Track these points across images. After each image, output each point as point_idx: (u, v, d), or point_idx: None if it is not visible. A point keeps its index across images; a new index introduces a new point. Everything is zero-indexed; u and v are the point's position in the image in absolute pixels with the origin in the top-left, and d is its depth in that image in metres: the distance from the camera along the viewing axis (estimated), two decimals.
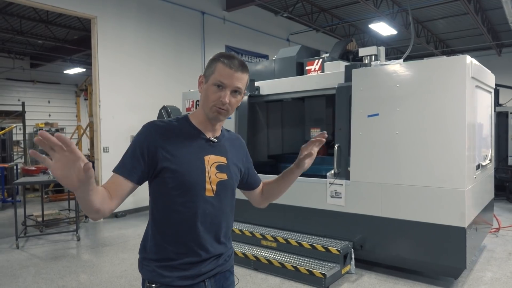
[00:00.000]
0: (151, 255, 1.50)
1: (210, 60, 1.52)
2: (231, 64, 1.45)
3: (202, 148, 1.52)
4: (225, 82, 1.45)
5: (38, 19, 10.48)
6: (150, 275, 1.49)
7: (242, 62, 1.49)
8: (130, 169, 1.41)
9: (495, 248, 5.21)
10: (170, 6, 8.81)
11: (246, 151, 1.77)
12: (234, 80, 1.45)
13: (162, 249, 1.48)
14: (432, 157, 3.80)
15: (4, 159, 9.99)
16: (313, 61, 5.41)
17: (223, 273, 1.60)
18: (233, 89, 1.46)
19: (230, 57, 1.48)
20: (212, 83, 1.46)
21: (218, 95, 1.45)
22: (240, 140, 1.75)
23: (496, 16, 12.24)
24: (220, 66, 1.46)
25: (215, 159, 1.54)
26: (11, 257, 5.22)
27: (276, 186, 1.78)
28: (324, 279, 3.93)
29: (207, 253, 1.51)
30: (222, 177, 1.54)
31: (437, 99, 3.79)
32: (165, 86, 8.49)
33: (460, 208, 3.66)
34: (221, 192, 1.53)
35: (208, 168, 1.50)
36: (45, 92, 15.66)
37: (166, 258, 1.48)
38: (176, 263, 1.47)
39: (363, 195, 4.27)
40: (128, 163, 1.42)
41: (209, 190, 1.50)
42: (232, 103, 1.48)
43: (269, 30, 11.69)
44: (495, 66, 8.14)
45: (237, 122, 5.44)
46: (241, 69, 1.47)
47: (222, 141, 1.60)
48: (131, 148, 1.45)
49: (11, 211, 7.95)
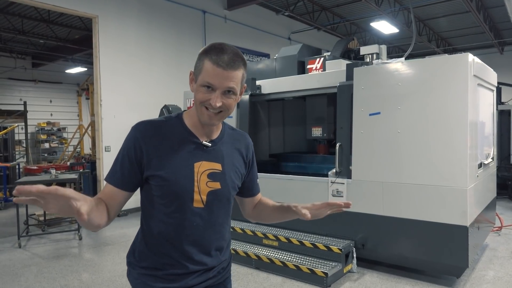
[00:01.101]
0: (137, 262, 1.42)
1: (199, 54, 1.32)
2: (219, 61, 1.24)
3: (193, 154, 1.36)
4: (213, 83, 1.25)
5: (40, 18, 10.49)
6: (135, 282, 1.42)
7: (234, 57, 1.26)
8: (121, 178, 1.33)
9: (498, 247, 5.20)
10: (171, 5, 8.80)
11: (251, 151, 1.56)
12: (224, 80, 1.25)
13: (148, 257, 1.40)
14: (434, 155, 3.79)
15: (6, 159, 10.02)
16: (314, 60, 5.40)
17: (216, 286, 1.49)
18: (224, 90, 1.27)
19: (220, 51, 1.25)
20: (200, 84, 1.28)
21: (207, 97, 1.27)
22: (245, 140, 1.55)
23: (498, 14, 12.19)
24: (207, 64, 1.25)
25: (208, 166, 1.37)
26: (13, 256, 5.23)
27: (271, 212, 1.59)
28: (325, 278, 3.93)
29: (194, 265, 1.39)
30: (214, 186, 1.38)
31: (439, 97, 3.78)
32: (166, 85, 8.49)
33: (462, 206, 3.65)
34: (212, 203, 1.39)
35: (198, 177, 1.35)
36: (47, 91, 15.69)
37: (151, 267, 1.39)
38: (161, 273, 1.38)
39: (365, 194, 4.27)
40: (119, 172, 1.34)
41: (198, 201, 1.35)
42: (227, 104, 1.29)
43: (270, 28, 11.67)
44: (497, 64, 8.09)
45: (238, 121, 5.43)
46: (232, 66, 1.25)
47: (219, 144, 1.42)
48: (120, 154, 1.36)
49: (13, 210, 7.96)
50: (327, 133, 5.49)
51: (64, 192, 1.02)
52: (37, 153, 14.79)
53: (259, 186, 1.66)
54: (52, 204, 1.03)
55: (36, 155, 14.66)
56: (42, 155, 14.93)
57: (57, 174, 6.55)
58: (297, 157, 6.03)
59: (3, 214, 8.18)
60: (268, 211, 1.60)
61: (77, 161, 10.77)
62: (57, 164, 11.08)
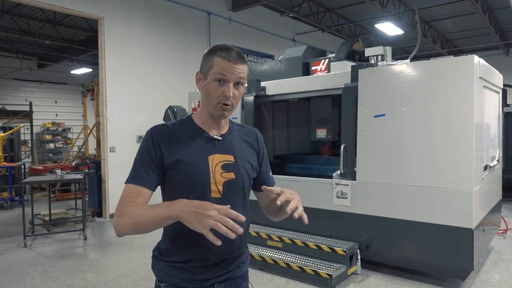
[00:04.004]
0: (162, 256, 1.50)
1: (205, 55, 1.45)
2: (229, 56, 1.39)
3: (206, 148, 1.46)
4: (226, 76, 1.38)
5: (46, 19, 10.56)
6: (159, 273, 1.49)
7: (240, 53, 1.42)
8: (145, 177, 1.40)
9: (503, 250, 5.17)
10: (176, 7, 8.84)
11: (261, 144, 1.66)
12: (235, 72, 1.39)
13: (171, 255, 1.47)
14: (439, 157, 3.78)
15: (12, 159, 10.08)
16: (319, 61, 5.40)
17: (235, 279, 1.54)
18: (235, 81, 1.40)
19: (227, 49, 1.41)
20: (212, 79, 1.40)
21: (221, 91, 1.39)
22: (254, 134, 1.65)
23: (504, 16, 12.13)
24: (218, 60, 1.39)
25: (221, 158, 1.47)
26: (19, 255, 5.27)
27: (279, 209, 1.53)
28: (330, 279, 3.92)
29: (216, 258, 1.46)
30: (229, 177, 1.47)
31: (445, 99, 3.77)
32: (171, 86, 8.52)
33: (467, 209, 3.64)
34: (229, 193, 1.46)
35: (213, 169, 1.44)
36: (52, 92, 15.79)
37: (174, 261, 1.46)
38: (184, 265, 1.45)
39: (369, 196, 4.26)
40: (143, 171, 1.40)
41: (215, 191, 1.44)
42: (236, 96, 1.42)
43: (274, 30, 11.68)
44: (503, 66, 8.04)
45: (243, 122, 5.44)
46: (240, 60, 1.40)
47: (229, 138, 1.53)
48: (139, 155, 1.43)
49: (19, 210, 8.02)
50: (331, 135, 5.49)
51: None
52: (42, 153, 14.87)
53: (273, 179, 1.71)
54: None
55: (41, 155, 14.73)
56: (47, 155, 15.00)
57: (62, 174, 6.59)
58: (302, 158, 6.03)
59: (8, 213, 8.24)
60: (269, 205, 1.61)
61: (82, 161, 10.82)
62: (62, 164, 11.14)
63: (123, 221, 1.32)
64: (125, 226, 1.32)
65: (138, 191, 1.38)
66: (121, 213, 1.33)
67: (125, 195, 1.38)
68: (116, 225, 1.34)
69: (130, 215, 1.31)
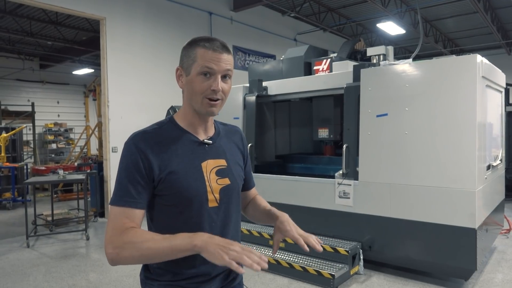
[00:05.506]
0: (155, 276, 1.33)
1: (185, 47, 1.32)
2: (213, 46, 1.26)
3: (197, 153, 1.33)
4: (213, 68, 1.25)
5: (48, 20, 10.58)
6: None
7: (224, 42, 1.30)
8: (135, 197, 1.23)
9: (506, 250, 5.15)
10: (178, 7, 8.84)
11: (245, 145, 1.55)
12: (222, 63, 1.26)
13: (167, 272, 1.31)
14: (442, 157, 3.77)
15: (15, 159, 10.10)
16: (321, 61, 5.39)
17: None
18: (223, 74, 1.27)
19: (210, 39, 1.28)
20: (196, 73, 1.26)
21: (208, 84, 1.26)
22: (238, 133, 1.55)
23: (506, 15, 12.09)
24: (201, 51, 1.26)
25: (214, 163, 1.35)
26: (21, 256, 5.28)
27: (260, 214, 1.56)
28: (332, 279, 3.92)
29: (216, 270, 1.35)
30: (225, 183, 1.36)
31: (447, 98, 3.76)
32: (173, 86, 8.49)
33: (470, 209, 3.63)
34: (225, 199, 1.36)
35: (208, 177, 1.32)
36: (54, 92, 15.81)
37: (171, 279, 1.31)
38: (183, 283, 1.31)
39: (372, 196, 4.25)
40: (132, 191, 1.23)
41: (212, 200, 1.32)
42: (225, 90, 1.29)
43: (276, 30, 11.68)
44: (505, 65, 8.03)
45: (244, 122, 5.44)
46: (225, 50, 1.28)
47: (217, 140, 1.41)
48: (124, 172, 1.25)
49: (21, 210, 8.05)
50: (333, 135, 5.48)
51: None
52: (45, 154, 14.89)
53: (253, 180, 1.64)
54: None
55: (44, 156, 14.76)
56: (49, 155, 15.03)
57: (65, 175, 6.60)
58: (304, 158, 6.02)
59: (11, 214, 8.27)
60: (259, 211, 1.57)
61: (84, 162, 10.84)
62: (64, 164, 11.17)
63: (127, 253, 1.16)
64: (130, 259, 1.16)
65: (130, 214, 1.21)
66: (123, 244, 1.16)
67: (116, 221, 1.21)
68: (114, 257, 1.17)
69: (137, 248, 1.15)
